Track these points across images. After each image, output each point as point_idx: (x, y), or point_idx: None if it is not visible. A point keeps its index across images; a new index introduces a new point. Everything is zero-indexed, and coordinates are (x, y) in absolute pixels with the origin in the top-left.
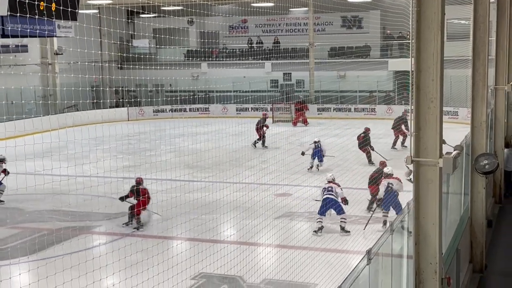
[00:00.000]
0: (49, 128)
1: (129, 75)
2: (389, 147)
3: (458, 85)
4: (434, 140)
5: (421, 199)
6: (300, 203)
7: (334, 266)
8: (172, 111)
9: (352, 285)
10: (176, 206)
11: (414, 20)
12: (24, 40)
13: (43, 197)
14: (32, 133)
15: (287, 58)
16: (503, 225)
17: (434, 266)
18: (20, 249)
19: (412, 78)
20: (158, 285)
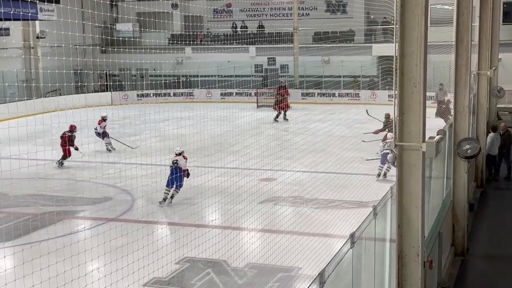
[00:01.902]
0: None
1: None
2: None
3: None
4: (417, 125)
5: (404, 183)
6: (284, 187)
7: (318, 250)
8: (156, 96)
9: (336, 268)
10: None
11: (398, 5)
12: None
13: (26, 182)
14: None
15: (271, 43)
16: (484, 209)
17: (416, 249)
18: (4, 233)
19: (396, 63)
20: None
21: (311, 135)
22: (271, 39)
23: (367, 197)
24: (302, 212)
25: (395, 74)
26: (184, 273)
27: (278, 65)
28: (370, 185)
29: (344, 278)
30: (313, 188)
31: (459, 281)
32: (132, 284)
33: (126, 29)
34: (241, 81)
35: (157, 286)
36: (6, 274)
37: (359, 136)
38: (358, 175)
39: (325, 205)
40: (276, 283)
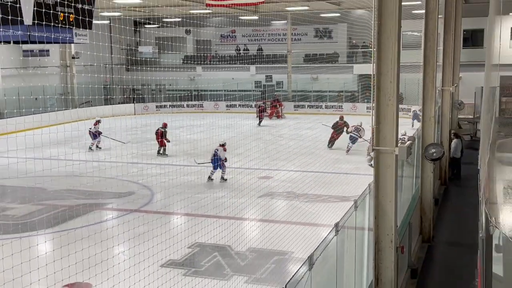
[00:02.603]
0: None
1: (135, 76)
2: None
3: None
4: (391, 132)
5: (380, 181)
6: (279, 184)
7: (307, 237)
8: (172, 107)
9: (323, 253)
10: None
11: (376, 32)
12: (46, 46)
13: (63, 178)
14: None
15: (269, 63)
16: (447, 203)
17: (390, 236)
18: (44, 222)
19: (374, 80)
20: (160, 252)
21: (302, 140)
22: (268, 59)
23: (349, 193)
24: (295, 205)
25: (372, 89)
26: (195, 256)
27: (274, 81)
28: (352, 183)
29: (330, 261)
30: (304, 184)
31: (426, 263)
32: (152, 265)
33: (147, 51)
34: (243, 95)
35: (172, 267)
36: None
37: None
38: (341, 174)
39: (314, 199)
40: (273, 265)
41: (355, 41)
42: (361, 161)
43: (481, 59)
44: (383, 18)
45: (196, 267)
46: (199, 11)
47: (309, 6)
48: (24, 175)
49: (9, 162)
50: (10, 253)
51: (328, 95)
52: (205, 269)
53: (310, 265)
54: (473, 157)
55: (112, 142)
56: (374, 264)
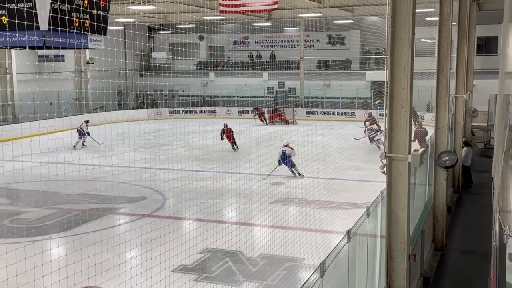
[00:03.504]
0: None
1: (149, 82)
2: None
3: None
4: (404, 139)
5: (392, 188)
6: (291, 190)
7: (319, 243)
8: (185, 112)
9: (334, 260)
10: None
11: (389, 39)
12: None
13: (75, 183)
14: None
15: (281, 69)
16: (460, 211)
17: (403, 244)
18: (57, 226)
19: (387, 87)
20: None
21: (314, 147)
22: (281, 66)
23: (361, 200)
24: (306, 211)
25: (385, 96)
26: (206, 261)
27: (287, 87)
28: (363, 189)
29: (341, 268)
30: (316, 191)
31: (439, 271)
32: (163, 270)
33: (161, 56)
34: (255, 101)
35: (184, 272)
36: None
37: (355, 148)
38: (353, 181)
39: (325, 206)
40: (284, 271)
41: (368, 47)
42: (373, 168)
43: (495, 66)
44: (396, 25)
45: (207, 273)
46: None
47: (322, 13)
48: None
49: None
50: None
51: (340, 102)
52: (216, 274)
53: (322, 272)
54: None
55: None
56: (386, 272)
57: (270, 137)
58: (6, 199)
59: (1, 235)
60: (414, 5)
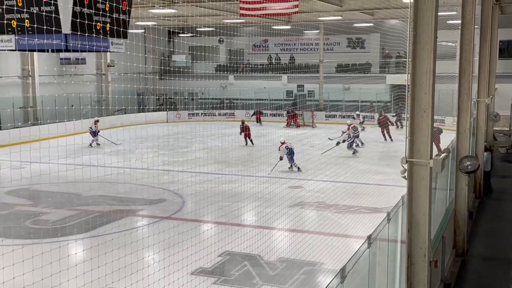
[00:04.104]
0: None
1: (168, 85)
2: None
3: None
4: (425, 144)
5: (413, 193)
6: (310, 194)
7: (337, 248)
8: (204, 115)
9: (355, 265)
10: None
11: (411, 42)
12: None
13: (96, 185)
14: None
15: (300, 72)
16: (482, 217)
17: (423, 250)
18: (77, 227)
19: (408, 91)
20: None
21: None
22: (300, 69)
23: (380, 204)
24: (325, 215)
25: (406, 100)
26: (225, 264)
27: (306, 91)
28: (383, 194)
29: (361, 273)
30: (334, 195)
31: (460, 278)
32: (182, 272)
33: (180, 60)
34: (274, 104)
35: (203, 274)
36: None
37: (374, 151)
38: (373, 185)
39: (345, 210)
40: (303, 275)
41: (388, 51)
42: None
43: None
44: (418, 28)
45: (226, 276)
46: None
47: (342, 16)
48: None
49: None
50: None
51: (360, 105)
52: (235, 278)
53: (342, 277)
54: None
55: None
56: (406, 277)
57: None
58: (28, 200)
59: (23, 236)
60: (436, 8)
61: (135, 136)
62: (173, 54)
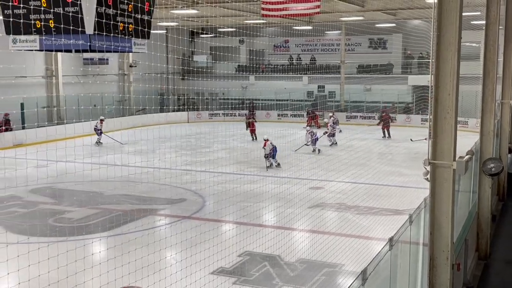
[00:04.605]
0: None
1: (189, 85)
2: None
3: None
4: (449, 146)
5: (436, 196)
6: (330, 195)
7: (358, 250)
8: (225, 115)
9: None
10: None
11: (434, 43)
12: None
13: (118, 184)
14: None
15: (321, 73)
16: (505, 220)
17: (446, 253)
18: (99, 225)
19: (431, 92)
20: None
21: (354, 151)
22: (321, 70)
23: (402, 206)
24: (345, 216)
25: (430, 101)
26: (245, 264)
27: (327, 91)
28: (405, 196)
29: (382, 276)
30: (355, 196)
31: (482, 281)
32: (202, 271)
33: (202, 60)
34: (295, 105)
35: (222, 274)
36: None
37: (395, 153)
38: (395, 186)
39: (365, 212)
40: (323, 277)
41: (410, 51)
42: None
43: None
44: (442, 29)
45: (245, 276)
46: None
47: (364, 16)
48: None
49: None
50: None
51: (381, 106)
52: (254, 278)
53: (363, 279)
54: None
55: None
56: (428, 281)
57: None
58: (51, 199)
59: (48, 234)
60: (461, 8)
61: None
62: (194, 54)
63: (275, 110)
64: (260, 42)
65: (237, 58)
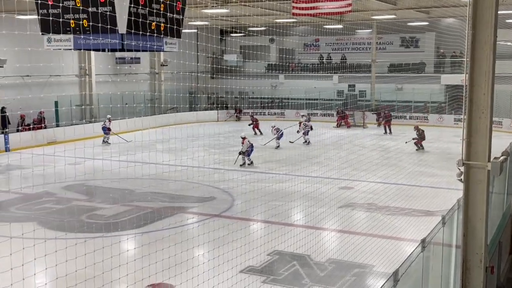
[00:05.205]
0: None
1: (220, 84)
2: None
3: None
4: (483, 146)
5: (470, 197)
6: (360, 195)
7: (388, 250)
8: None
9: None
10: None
11: (469, 42)
12: (137, 54)
13: (149, 181)
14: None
15: (352, 72)
16: None
17: (479, 255)
18: (131, 222)
19: (466, 91)
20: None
21: (384, 151)
22: (351, 69)
23: (434, 207)
24: (376, 217)
25: (464, 101)
26: (274, 263)
27: (357, 91)
28: (437, 196)
29: (413, 277)
30: (386, 196)
31: None
32: (231, 270)
33: (232, 59)
34: (325, 104)
35: (251, 273)
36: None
37: (427, 153)
38: (426, 187)
39: (396, 212)
40: (353, 277)
41: (443, 50)
42: (447, 175)
43: None
44: (477, 27)
45: (274, 275)
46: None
47: (396, 15)
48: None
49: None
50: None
51: (413, 106)
52: (283, 277)
53: (395, 281)
54: None
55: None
56: (461, 283)
57: (339, 139)
58: (84, 196)
59: (79, 230)
60: (496, 6)
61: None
62: (224, 53)
63: (304, 109)
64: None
65: (267, 57)
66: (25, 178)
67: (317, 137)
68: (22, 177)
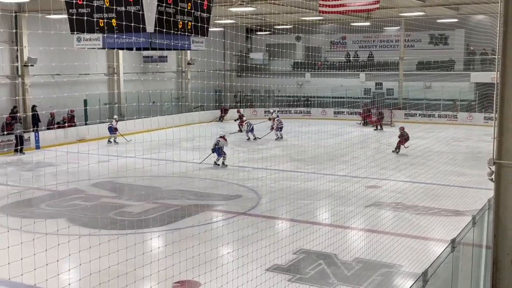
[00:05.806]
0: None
1: (245, 82)
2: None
3: None
4: None
5: (501, 197)
6: (387, 194)
7: (416, 250)
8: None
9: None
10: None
11: (501, 39)
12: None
13: (176, 179)
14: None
15: (379, 70)
16: None
17: (510, 256)
18: (157, 220)
19: (497, 89)
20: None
21: (412, 150)
22: (379, 67)
23: (463, 207)
24: (403, 216)
25: (495, 99)
26: (300, 262)
27: (385, 89)
28: (466, 196)
29: (442, 278)
30: (414, 196)
31: None
32: (258, 268)
33: (258, 57)
34: (352, 102)
35: (278, 271)
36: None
37: (456, 152)
38: (455, 187)
39: (424, 212)
40: (380, 277)
41: (472, 47)
42: (476, 174)
43: None
44: (509, 24)
45: (301, 274)
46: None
47: (425, 12)
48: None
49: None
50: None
51: (441, 104)
52: (310, 276)
53: (424, 281)
54: None
55: None
56: (491, 284)
57: (366, 138)
58: (112, 193)
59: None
60: None
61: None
62: (250, 51)
63: (331, 108)
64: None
65: (293, 55)
66: (54, 175)
67: (344, 135)
68: (51, 174)
